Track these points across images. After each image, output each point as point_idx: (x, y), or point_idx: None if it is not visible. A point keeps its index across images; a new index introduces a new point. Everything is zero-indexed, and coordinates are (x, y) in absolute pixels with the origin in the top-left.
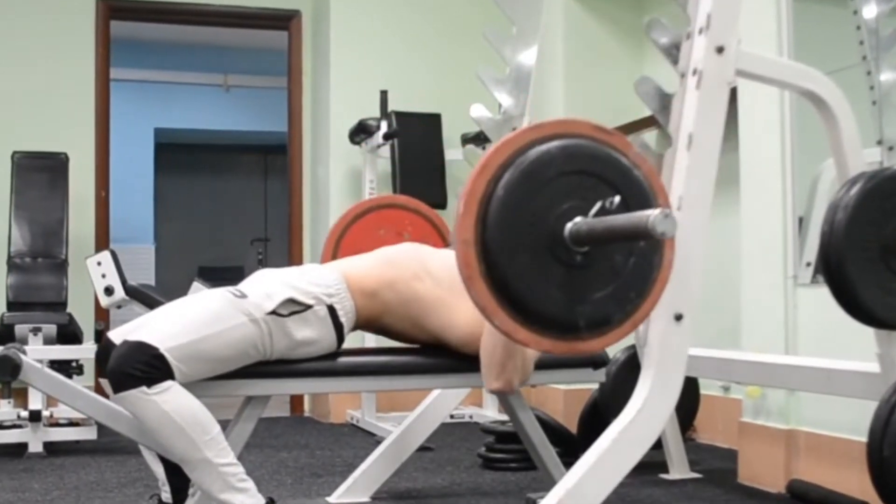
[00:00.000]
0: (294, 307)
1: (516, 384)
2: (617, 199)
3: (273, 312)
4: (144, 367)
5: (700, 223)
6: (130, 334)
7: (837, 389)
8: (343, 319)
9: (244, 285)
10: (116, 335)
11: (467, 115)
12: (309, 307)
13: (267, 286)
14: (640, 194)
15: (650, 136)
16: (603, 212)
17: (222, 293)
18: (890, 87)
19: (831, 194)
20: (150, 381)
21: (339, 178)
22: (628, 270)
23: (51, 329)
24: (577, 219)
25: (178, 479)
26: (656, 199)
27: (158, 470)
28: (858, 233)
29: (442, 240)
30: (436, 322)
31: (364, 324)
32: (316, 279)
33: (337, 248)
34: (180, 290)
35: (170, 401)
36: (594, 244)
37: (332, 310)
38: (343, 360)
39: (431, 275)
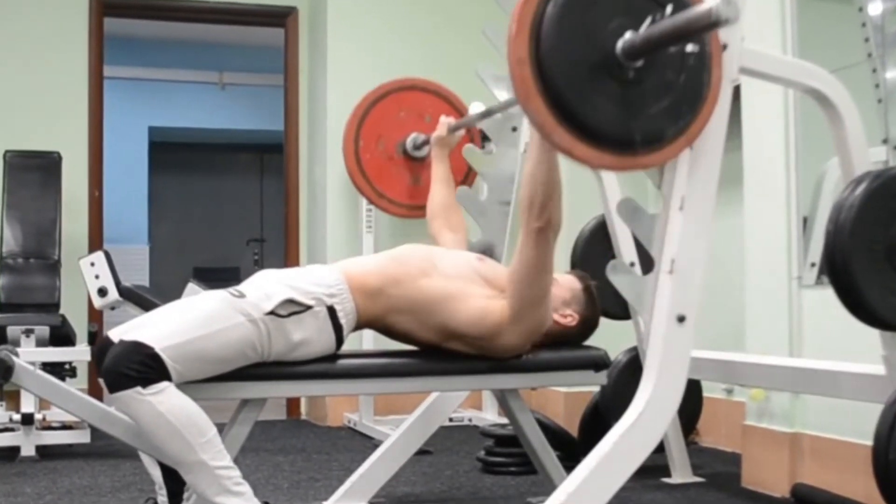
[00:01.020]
0: (293, 308)
1: (555, 222)
2: (669, 8)
3: (272, 313)
4: (140, 367)
5: (703, 223)
6: (127, 334)
7: (842, 392)
8: (343, 321)
9: (243, 286)
10: (114, 334)
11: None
12: (308, 308)
13: (266, 286)
14: (685, 7)
15: None
16: (654, 26)
17: (220, 293)
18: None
19: (836, 194)
20: (146, 382)
21: (337, 178)
22: (680, 86)
23: (43, 331)
24: (628, 34)
25: (175, 482)
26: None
27: (156, 473)
28: (864, 233)
29: (461, 117)
30: (442, 314)
31: (366, 324)
32: (316, 279)
33: (358, 132)
34: (175, 292)
35: (165, 402)
36: (651, 52)
37: (331, 311)
38: (341, 362)
39: (439, 271)
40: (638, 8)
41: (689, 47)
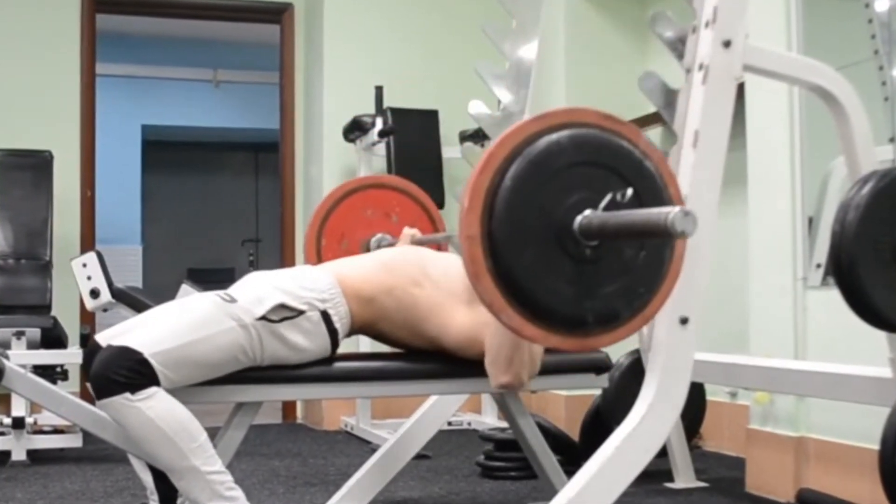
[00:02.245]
0: (285, 313)
1: (525, 378)
2: (630, 191)
3: (263, 318)
4: (128, 372)
5: (706, 223)
6: (116, 338)
7: (848, 395)
8: (337, 325)
9: (234, 289)
10: (103, 338)
11: (465, 112)
12: (301, 313)
13: (258, 290)
14: (651, 186)
15: (655, 134)
16: (613, 204)
17: (211, 297)
18: None
19: (842, 193)
20: (134, 388)
21: (333, 177)
22: (638, 265)
23: (35, 333)
24: (587, 211)
25: (167, 487)
26: (668, 190)
27: (147, 478)
28: (870, 233)
29: (431, 223)
30: (432, 327)
31: (359, 329)
32: (309, 283)
33: (322, 229)
34: (168, 293)
35: (154, 407)
36: (606, 239)
37: (325, 315)
38: (337, 365)
39: (431, 279)
40: (599, 182)
41: None
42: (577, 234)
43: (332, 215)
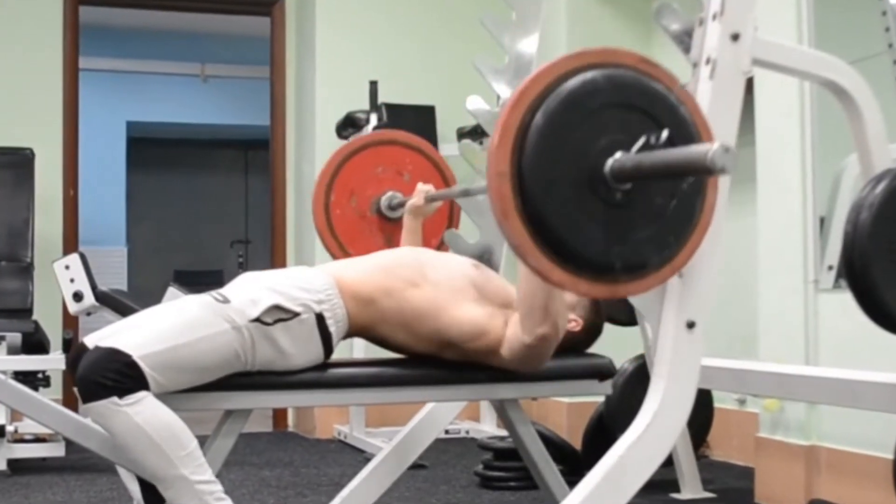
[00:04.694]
0: (280, 315)
1: (561, 328)
2: (665, 133)
3: (257, 320)
4: (116, 375)
5: (714, 223)
6: (104, 340)
7: (861, 402)
8: (332, 329)
9: (227, 289)
10: (90, 340)
11: (463, 108)
12: (296, 315)
13: (252, 291)
14: (686, 132)
15: None
16: (647, 147)
17: (203, 298)
18: None
19: (855, 192)
20: (122, 392)
21: None
22: (669, 213)
23: (15, 338)
24: (619, 154)
25: (155, 498)
26: (701, 138)
27: (134, 488)
28: (884, 234)
29: (444, 183)
30: (433, 324)
31: (357, 332)
32: (305, 284)
33: (330, 187)
34: (155, 296)
35: (143, 412)
36: (640, 181)
37: (320, 318)
38: (330, 371)
39: (429, 281)
40: (633, 125)
41: None
42: (608, 177)
43: (341, 171)
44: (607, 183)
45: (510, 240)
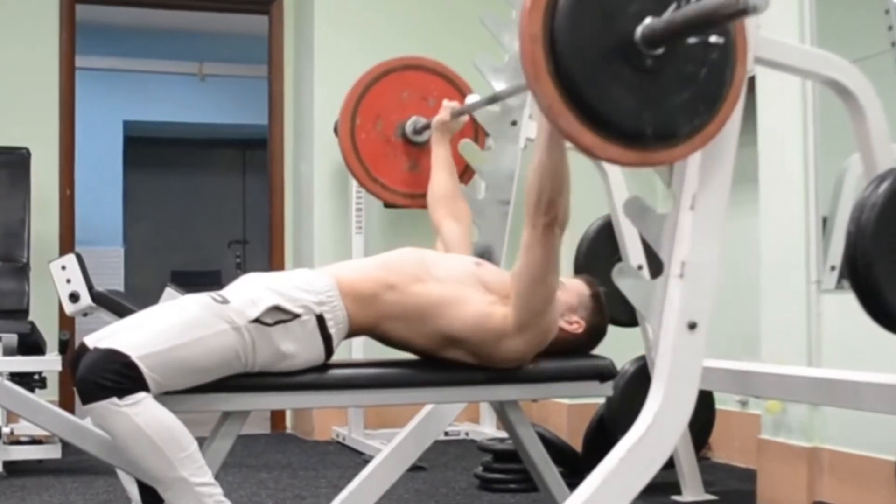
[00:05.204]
0: (280, 316)
1: (563, 217)
2: None
3: (257, 320)
4: (115, 376)
5: (715, 224)
6: (103, 340)
7: (865, 404)
8: (332, 330)
9: (227, 290)
10: (91, 340)
11: None
12: (296, 316)
13: (252, 292)
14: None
15: None
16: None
17: (203, 298)
18: None
19: (858, 192)
20: (121, 392)
21: (324, 175)
22: (700, 80)
23: (11, 339)
24: (649, 19)
25: (154, 500)
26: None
27: (133, 490)
28: (887, 234)
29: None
30: (438, 319)
31: (359, 331)
32: (305, 285)
33: (356, 109)
34: (152, 297)
35: (142, 414)
36: (672, 39)
37: (321, 320)
38: (329, 372)
39: (433, 276)
40: None
41: (714, 38)
42: (639, 43)
43: (366, 95)
44: (638, 48)
45: (541, 102)
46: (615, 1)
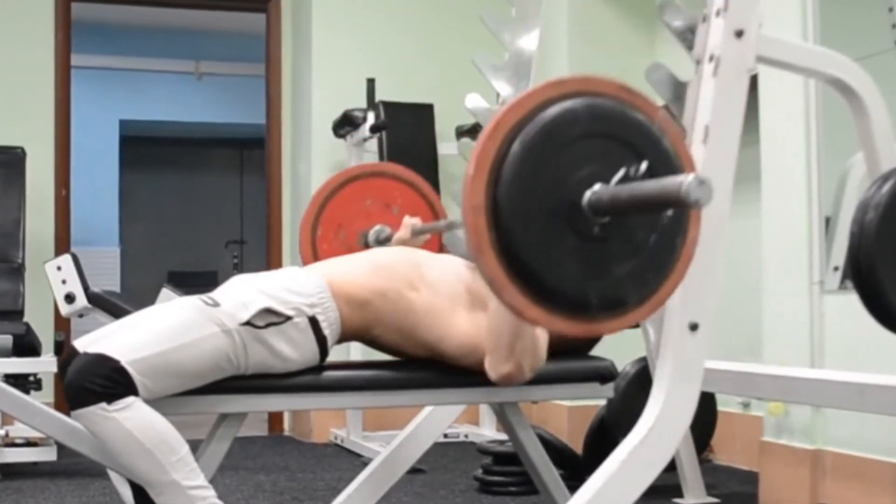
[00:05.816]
0: (271, 318)
1: (527, 369)
2: (644, 165)
3: (248, 323)
4: (104, 381)
5: (717, 224)
6: (92, 345)
7: (868, 406)
8: (326, 332)
9: (218, 293)
10: (82, 344)
11: (462, 106)
12: (288, 318)
13: (242, 294)
14: (667, 164)
15: None
16: (626, 179)
17: (193, 301)
18: None
19: (861, 192)
20: (111, 397)
21: (322, 175)
22: (648, 249)
23: (6, 340)
24: (597, 186)
25: (147, 502)
26: (684, 170)
27: (126, 493)
28: (891, 234)
29: (433, 215)
30: (430, 333)
31: (351, 335)
32: (297, 287)
33: (318, 218)
34: (148, 297)
35: (132, 418)
36: (616, 214)
37: (314, 321)
38: (327, 374)
39: (427, 283)
40: (613, 156)
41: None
42: (586, 210)
43: (329, 204)
44: (585, 216)
45: (485, 275)
46: (562, 167)
